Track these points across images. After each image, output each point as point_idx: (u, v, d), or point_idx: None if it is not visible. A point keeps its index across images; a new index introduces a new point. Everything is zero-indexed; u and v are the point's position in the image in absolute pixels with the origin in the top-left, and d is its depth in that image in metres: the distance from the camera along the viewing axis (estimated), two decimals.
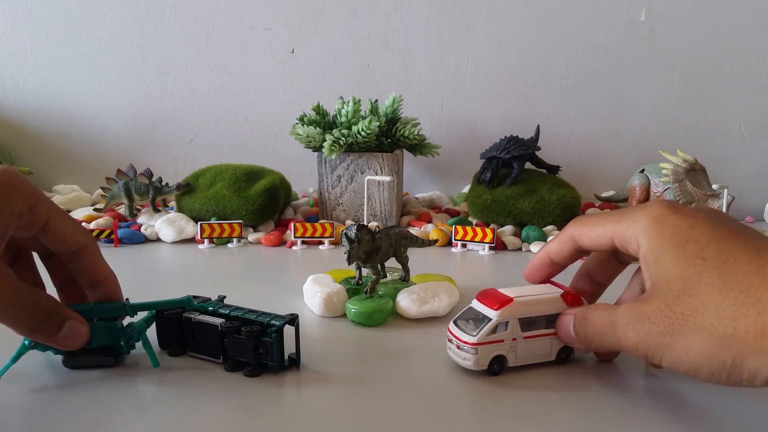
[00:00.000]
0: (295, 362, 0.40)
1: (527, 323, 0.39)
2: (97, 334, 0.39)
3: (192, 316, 0.41)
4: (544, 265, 0.42)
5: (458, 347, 0.39)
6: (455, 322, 0.41)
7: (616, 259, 0.41)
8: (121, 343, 0.40)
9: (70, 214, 0.88)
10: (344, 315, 0.50)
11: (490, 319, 0.38)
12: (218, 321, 0.40)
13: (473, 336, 0.38)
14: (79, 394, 0.37)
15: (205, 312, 0.41)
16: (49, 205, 0.36)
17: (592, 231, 0.38)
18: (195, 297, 0.45)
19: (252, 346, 0.39)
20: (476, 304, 0.40)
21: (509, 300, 0.39)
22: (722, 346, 0.29)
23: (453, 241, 0.75)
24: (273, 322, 0.39)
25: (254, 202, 0.80)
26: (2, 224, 0.33)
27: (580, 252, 0.40)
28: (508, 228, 0.81)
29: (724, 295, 0.29)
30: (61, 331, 0.36)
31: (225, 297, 0.45)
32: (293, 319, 0.40)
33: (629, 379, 0.40)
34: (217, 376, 0.39)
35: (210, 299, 0.44)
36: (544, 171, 0.89)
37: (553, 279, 0.43)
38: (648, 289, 0.33)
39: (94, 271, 0.39)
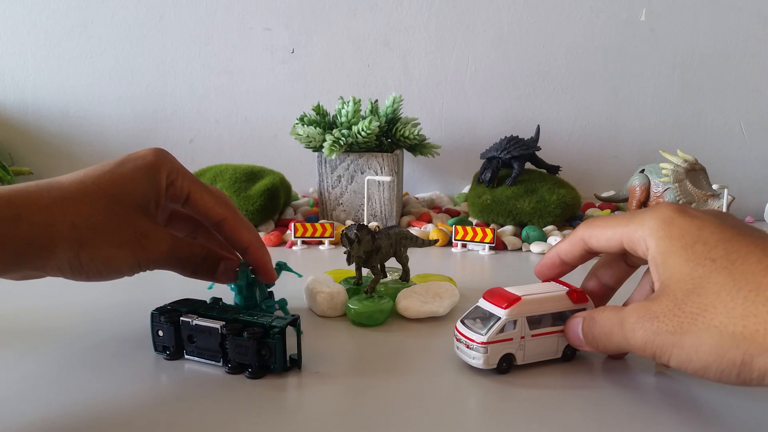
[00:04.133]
0: (296, 363, 0.40)
1: (534, 321, 0.39)
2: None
3: (190, 319, 0.41)
4: (554, 264, 0.42)
5: (467, 346, 0.39)
6: (462, 321, 0.41)
7: (625, 262, 0.41)
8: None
9: None
10: (344, 315, 0.50)
11: (499, 318, 0.39)
12: (218, 324, 0.40)
13: (483, 335, 0.38)
14: (79, 394, 0.37)
15: (203, 315, 0.41)
16: (189, 180, 0.42)
17: (601, 233, 0.38)
18: (189, 300, 0.45)
19: (255, 348, 0.38)
20: (483, 303, 0.40)
21: (517, 299, 0.39)
22: (732, 345, 0.29)
23: (453, 241, 0.75)
24: (275, 323, 0.39)
25: (254, 202, 0.80)
26: (153, 194, 0.40)
27: (590, 253, 0.40)
28: (508, 228, 0.81)
29: (734, 294, 0.29)
30: (218, 270, 0.43)
31: (221, 299, 0.45)
32: (294, 320, 0.40)
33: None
34: (218, 379, 0.39)
35: (205, 302, 0.44)
36: (544, 171, 0.89)
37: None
38: (657, 289, 0.33)
39: (237, 239, 0.44)
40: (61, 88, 1.03)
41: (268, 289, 0.51)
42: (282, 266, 0.50)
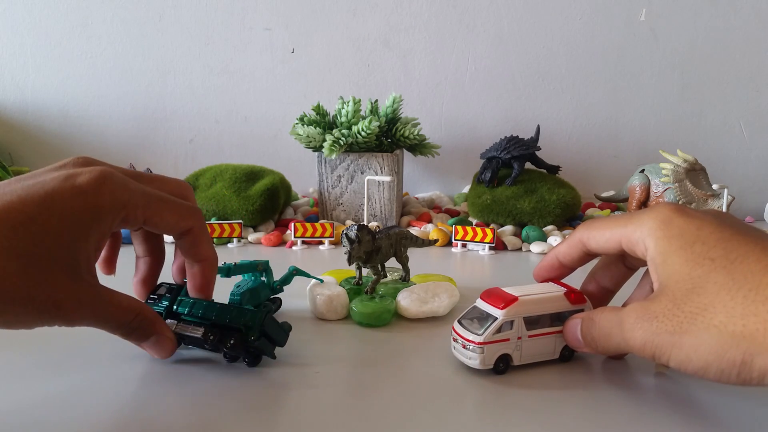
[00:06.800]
0: (285, 334, 0.41)
1: (531, 322, 0.39)
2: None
3: (171, 325, 0.41)
4: (553, 267, 0.42)
5: (464, 346, 0.39)
6: (459, 322, 0.41)
7: (624, 264, 0.41)
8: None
9: None
10: (345, 317, 0.50)
11: (496, 318, 0.39)
12: (199, 332, 0.39)
13: (479, 335, 0.38)
14: (77, 393, 0.37)
15: (183, 319, 0.41)
16: (143, 207, 0.37)
17: (600, 234, 0.38)
18: (164, 284, 0.44)
19: (243, 348, 0.39)
20: (481, 303, 0.40)
21: (514, 299, 0.39)
22: (732, 344, 0.29)
23: (453, 241, 0.75)
24: (250, 323, 0.39)
25: (254, 202, 0.80)
26: (90, 246, 0.34)
27: (588, 255, 0.40)
28: (508, 228, 0.81)
29: (733, 293, 0.29)
30: (147, 341, 0.39)
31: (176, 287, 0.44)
32: (267, 312, 0.40)
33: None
34: (217, 379, 0.39)
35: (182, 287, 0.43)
36: (544, 171, 0.89)
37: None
38: (656, 289, 0.33)
39: (194, 252, 0.41)
40: (61, 88, 1.03)
41: (274, 295, 0.51)
42: (294, 271, 0.50)
